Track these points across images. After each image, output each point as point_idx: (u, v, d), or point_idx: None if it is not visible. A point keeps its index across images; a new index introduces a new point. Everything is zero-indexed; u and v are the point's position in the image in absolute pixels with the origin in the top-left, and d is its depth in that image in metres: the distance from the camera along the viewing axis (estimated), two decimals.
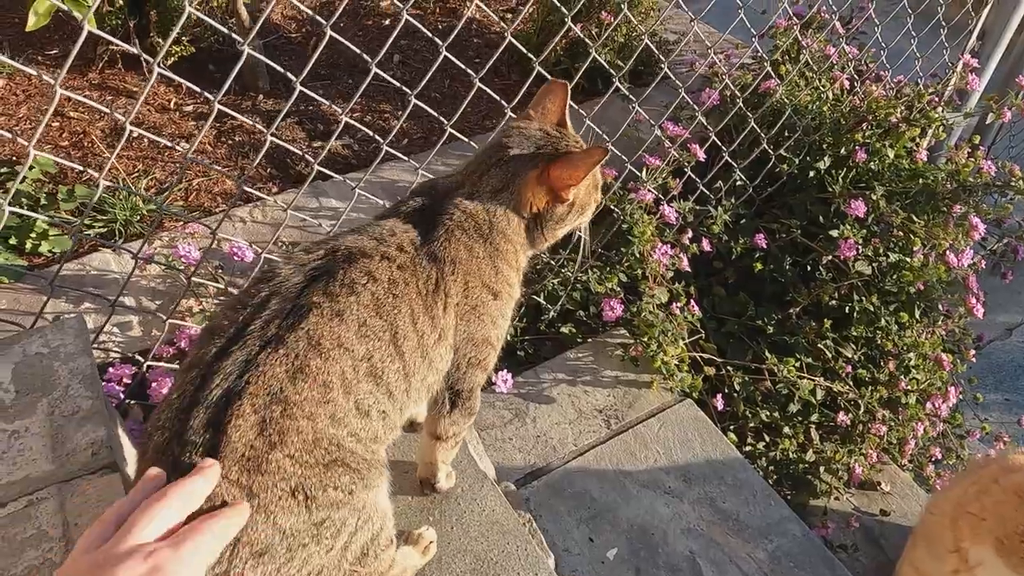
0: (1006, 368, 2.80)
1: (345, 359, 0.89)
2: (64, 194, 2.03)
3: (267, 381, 0.83)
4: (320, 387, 0.86)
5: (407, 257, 1.00)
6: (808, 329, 2.00)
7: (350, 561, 0.92)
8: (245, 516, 0.76)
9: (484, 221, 1.07)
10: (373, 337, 0.93)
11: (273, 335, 0.86)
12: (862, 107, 2.27)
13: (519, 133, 1.10)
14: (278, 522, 0.81)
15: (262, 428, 0.81)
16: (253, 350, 0.85)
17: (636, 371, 1.89)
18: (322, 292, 0.91)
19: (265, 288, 0.91)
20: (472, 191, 1.08)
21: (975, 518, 1.31)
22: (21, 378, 1.13)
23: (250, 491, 0.80)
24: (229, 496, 0.78)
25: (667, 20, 3.17)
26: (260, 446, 0.81)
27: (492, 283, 1.07)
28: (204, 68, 2.62)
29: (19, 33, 2.60)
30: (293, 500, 0.82)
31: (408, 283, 0.98)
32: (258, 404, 0.82)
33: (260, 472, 0.80)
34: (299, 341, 0.86)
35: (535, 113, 1.15)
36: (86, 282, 1.81)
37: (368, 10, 3.18)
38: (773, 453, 1.90)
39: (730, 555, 1.57)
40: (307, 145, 2.47)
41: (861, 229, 2.03)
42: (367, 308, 0.93)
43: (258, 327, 0.87)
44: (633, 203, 1.98)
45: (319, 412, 0.86)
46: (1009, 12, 2.34)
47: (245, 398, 0.82)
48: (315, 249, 0.98)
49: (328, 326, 0.89)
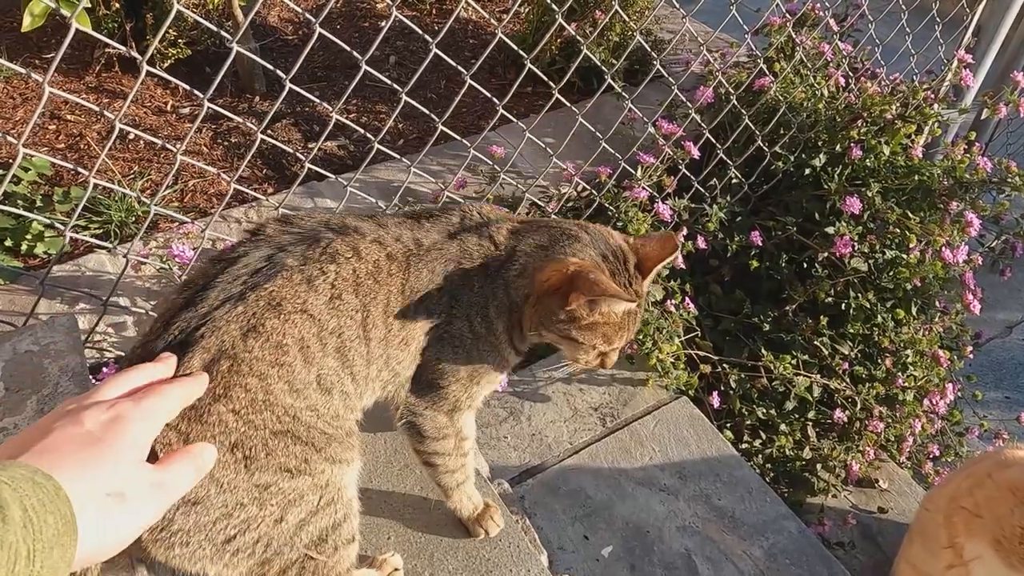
0: (1006, 366, 2.78)
1: (308, 326, 0.89)
2: (60, 196, 2.03)
3: (219, 336, 0.84)
4: (273, 348, 0.86)
5: (402, 251, 0.98)
6: (804, 326, 1.99)
7: (305, 542, 0.92)
8: (204, 386, 0.80)
9: (503, 266, 1.02)
10: (345, 314, 0.92)
11: (236, 292, 0.87)
12: (857, 104, 2.26)
13: (601, 236, 1.05)
14: (213, 474, 0.82)
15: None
16: (214, 304, 0.86)
17: (632, 369, 1.89)
18: (300, 255, 0.91)
19: (247, 247, 0.92)
20: (516, 233, 1.04)
21: (969, 513, 1.30)
22: (11, 375, 1.13)
23: (187, 439, 0.81)
24: (164, 442, 0.81)
25: (663, 20, 3.17)
26: (204, 397, 0.82)
27: (477, 325, 1.03)
28: (201, 71, 2.63)
29: (16, 36, 2.61)
30: (231, 456, 0.84)
31: (392, 275, 0.97)
32: (207, 357, 0.83)
33: (200, 422, 0.82)
34: (259, 300, 0.87)
35: (637, 241, 1.09)
36: (81, 283, 1.81)
37: (364, 12, 3.18)
38: (769, 450, 1.89)
39: (726, 552, 1.56)
40: (303, 146, 2.48)
41: (857, 226, 2.02)
42: (345, 282, 0.92)
43: (225, 282, 0.87)
44: (628, 201, 1.98)
45: (272, 374, 0.86)
46: (1004, 7, 2.33)
47: (196, 350, 0.83)
48: (312, 217, 0.97)
49: (294, 290, 0.89)
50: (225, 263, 0.90)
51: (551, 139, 2.12)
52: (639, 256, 1.07)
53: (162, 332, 0.85)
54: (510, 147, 2.15)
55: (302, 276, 0.90)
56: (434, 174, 2.29)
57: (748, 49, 2.36)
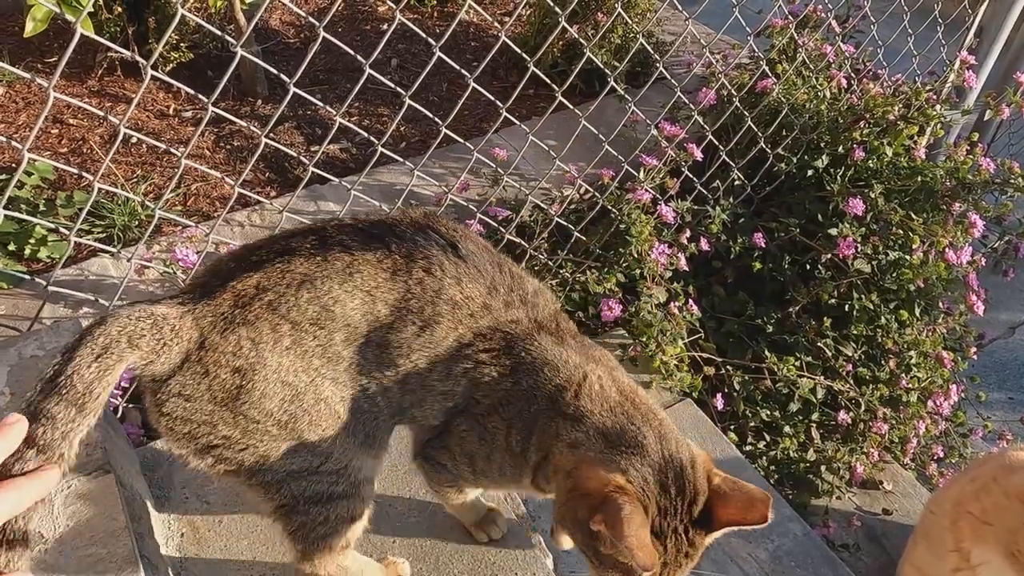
0: (1009, 367, 2.78)
1: (364, 308, 0.89)
2: (63, 200, 2.03)
3: (283, 271, 0.89)
4: (320, 309, 0.88)
5: (496, 320, 0.94)
6: (808, 328, 1.99)
7: (295, 493, 0.94)
8: (52, 484, 0.73)
9: (566, 419, 0.92)
10: (406, 326, 0.91)
11: (322, 249, 0.90)
12: (859, 105, 2.26)
13: (675, 453, 0.90)
14: (211, 383, 0.86)
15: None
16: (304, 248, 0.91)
17: (635, 371, 1.88)
18: (404, 251, 0.91)
19: (326, 230, 0.93)
20: (596, 392, 0.94)
21: (976, 519, 1.30)
22: (16, 380, 1.13)
23: (203, 343, 0.86)
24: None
25: (665, 22, 3.17)
26: (235, 318, 0.87)
27: (513, 440, 0.96)
28: (204, 74, 2.64)
29: (19, 41, 2.61)
30: (230, 377, 0.87)
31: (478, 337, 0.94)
32: (255, 283, 0.89)
33: (222, 333, 0.87)
34: (337, 261, 0.89)
35: (724, 482, 0.92)
36: (85, 287, 1.81)
37: (366, 15, 3.19)
38: (774, 452, 1.89)
39: (731, 554, 1.56)
40: (305, 149, 2.48)
41: (860, 227, 2.02)
42: (422, 301, 0.91)
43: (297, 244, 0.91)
44: (630, 203, 1.98)
45: (309, 330, 0.88)
46: (1007, 8, 2.33)
47: (255, 274, 0.89)
48: (437, 228, 0.95)
49: (374, 272, 0.90)
50: (297, 237, 0.92)
51: (554, 141, 2.12)
52: (713, 502, 0.89)
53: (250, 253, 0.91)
54: (513, 150, 2.15)
55: (389, 265, 0.90)
56: (437, 177, 2.29)
57: (750, 51, 2.36)
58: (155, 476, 1.33)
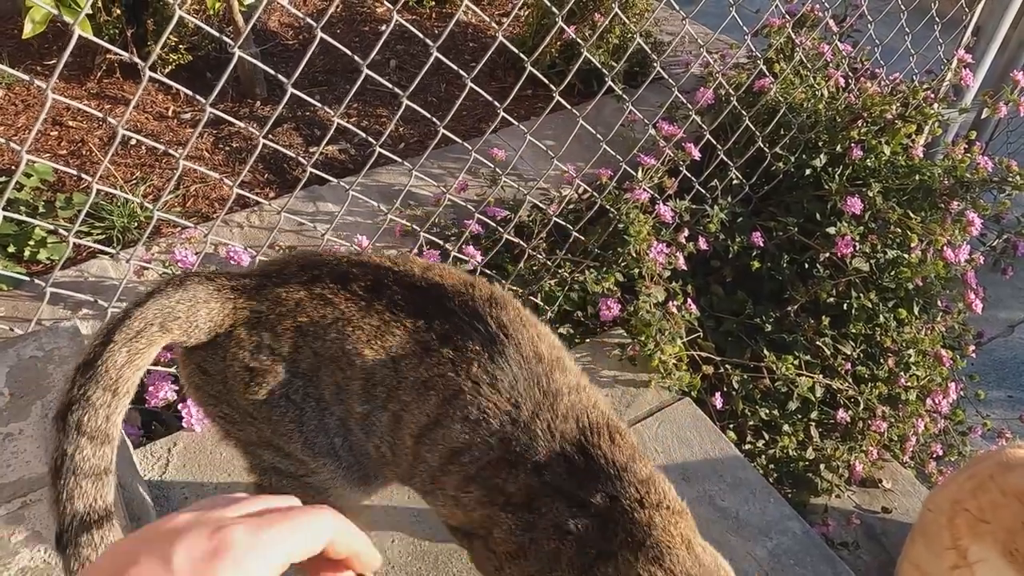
0: (1009, 365, 2.78)
1: (394, 375, 0.87)
2: (62, 202, 2.04)
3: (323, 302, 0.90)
4: (343, 349, 0.88)
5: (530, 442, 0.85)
6: (806, 327, 1.99)
7: (277, 486, 0.97)
8: (353, 532, 0.56)
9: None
10: (441, 411, 0.86)
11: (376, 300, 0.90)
12: (857, 104, 2.27)
13: None
14: (226, 366, 0.90)
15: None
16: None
17: (634, 370, 1.88)
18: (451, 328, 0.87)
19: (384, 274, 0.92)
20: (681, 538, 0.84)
21: (973, 517, 1.30)
22: (16, 381, 1.14)
23: (233, 320, 0.90)
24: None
25: (662, 22, 3.18)
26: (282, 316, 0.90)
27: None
28: (202, 76, 2.64)
29: (18, 43, 2.62)
30: (242, 372, 0.90)
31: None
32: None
33: (269, 327, 0.91)
34: (382, 316, 0.88)
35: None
36: (84, 289, 1.81)
37: (364, 16, 3.19)
38: (773, 451, 1.89)
39: (730, 553, 1.54)
40: (304, 151, 2.48)
41: (858, 226, 2.02)
42: (464, 394, 0.85)
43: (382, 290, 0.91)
44: (629, 202, 1.98)
45: (329, 365, 0.89)
46: (1003, 7, 2.33)
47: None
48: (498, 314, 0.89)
49: (421, 362, 0.86)
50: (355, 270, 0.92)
51: (552, 141, 2.13)
52: None
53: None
54: (511, 150, 2.15)
55: (423, 340, 0.86)
56: (435, 177, 2.30)
57: (748, 50, 2.36)
58: (155, 477, 1.33)
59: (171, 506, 1.29)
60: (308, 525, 0.51)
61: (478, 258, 1.88)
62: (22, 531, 0.96)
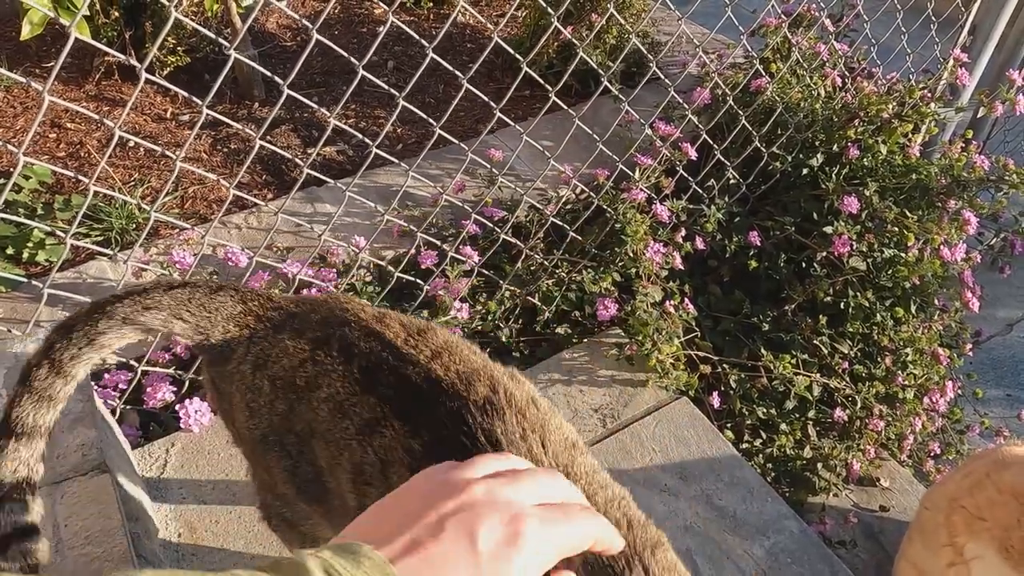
0: (1007, 363, 2.78)
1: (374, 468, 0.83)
2: (60, 204, 2.04)
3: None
4: (339, 441, 0.85)
5: None
6: (804, 326, 2.00)
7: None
8: (612, 534, 0.56)
9: None
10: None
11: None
12: (854, 103, 2.27)
13: None
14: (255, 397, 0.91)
15: None
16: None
17: (632, 370, 1.89)
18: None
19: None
20: None
21: (970, 514, 1.30)
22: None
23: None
24: None
25: (659, 22, 3.18)
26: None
27: None
28: (200, 78, 2.65)
29: (16, 46, 2.62)
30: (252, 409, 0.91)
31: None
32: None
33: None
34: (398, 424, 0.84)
35: None
36: (83, 290, 1.82)
37: (363, 18, 3.20)
38: (770, 450, 1.89)
39: (727, 552, 1.56)
40: (302, 152, 2.49)
41: (855, 225, 2.02)
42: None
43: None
44: (625, 202, 1.99)
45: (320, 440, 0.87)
46: (999, 6, 2.33)
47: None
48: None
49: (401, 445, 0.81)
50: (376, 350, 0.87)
51: (549, 142, 2.13)
52: None
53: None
54: (508, 150, 2.15)
55: (410, 448, 0.80)
56: (432, 178, 2.30)
57: (744, 50, 2.36)
58: (152, 477, 1.34)
59: (170, 507, 1.29)
60: (585, 530, 0.52)
61: (475, 258, 1.88)
62: None
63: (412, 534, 0.45)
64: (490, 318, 1.94)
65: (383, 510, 0.49)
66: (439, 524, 0.46)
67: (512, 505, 0.49)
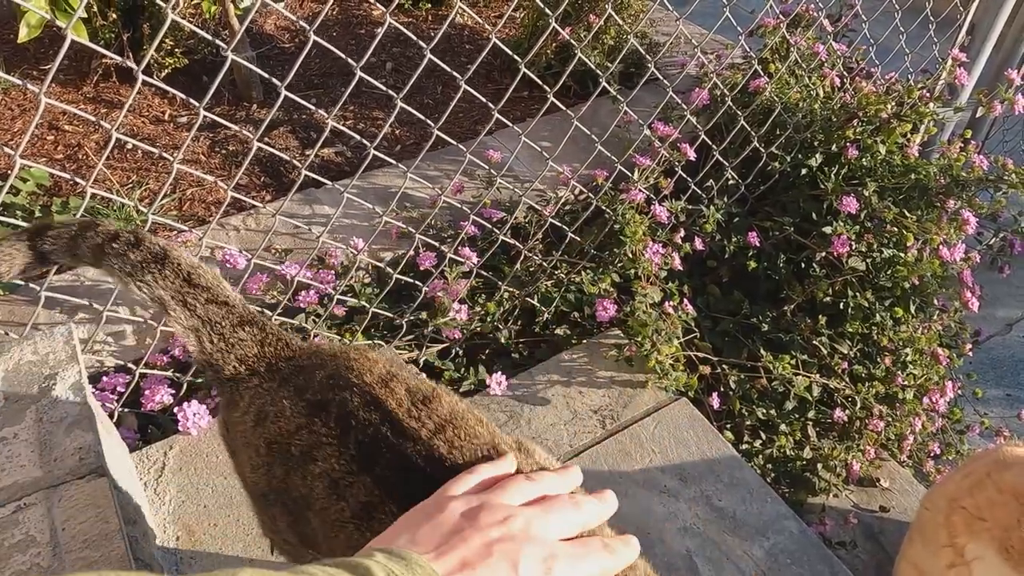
0: (1007, 363, 2.78)
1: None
2: (58, 206, 2.04)
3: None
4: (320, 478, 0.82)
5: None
6: (803, 326, 1.99)
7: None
8: (610, 511, 0.64)
9: None
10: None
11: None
12: (853, 103, 2.27)
13: None
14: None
15: None
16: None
17: (631, 371, 1.88)
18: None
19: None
20: None
21: (970, 514, 1.30)
22: (10, 385, 1.14)
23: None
24: None
25: (658, 23, 3.18)
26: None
27: None
28: (199, 80, 2.65)
29: (14, 48, 2.62)
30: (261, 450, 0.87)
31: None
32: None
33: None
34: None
35: None
36: (80, 293, 1.81)
37: (361, 19, 3.20)
38: (770, 451, 1.89)
39: (727, 553, 1.56)
40: (300, 154, 2.49)
41: (854, 225, 2.02)
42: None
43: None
44: (624, 203, 1.98)
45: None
46: (998, 5, 2.33)
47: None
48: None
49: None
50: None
51: (547, 143, 2.13)
52: None
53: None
54: (507, 151, 2.15)
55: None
56: (431, 179, 2.30)
57: (743, 51, 2.36)
58: (150, 480, 1.33)
59: (168, 510, 1.29)
60: (603, 565, 0.57)
61: (474, 259, 1.88)
62: (16, 535, 0.96)
63: (463, 553, 0.50)
64: (489, 319, 1.94)
65: (421, 519, 0.54)
66: (487, 549, 0.51)
67: (546, 544, 0.54)
